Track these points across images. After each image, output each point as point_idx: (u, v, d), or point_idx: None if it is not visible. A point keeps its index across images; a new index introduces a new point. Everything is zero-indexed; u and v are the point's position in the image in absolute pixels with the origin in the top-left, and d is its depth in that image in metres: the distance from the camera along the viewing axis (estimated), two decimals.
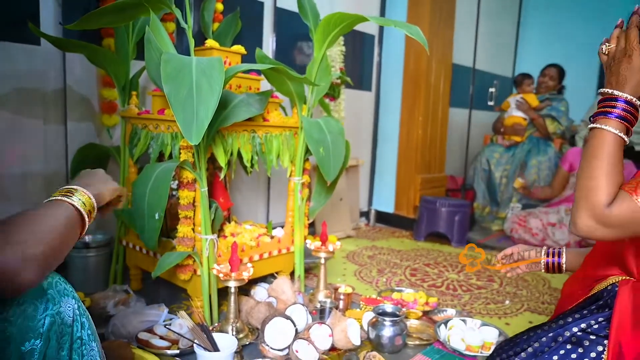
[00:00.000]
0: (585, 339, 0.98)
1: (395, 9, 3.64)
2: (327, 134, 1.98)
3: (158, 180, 1.55)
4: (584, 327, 1.00)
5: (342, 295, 1.98)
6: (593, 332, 0.98)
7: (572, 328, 1.01)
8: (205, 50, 1.95)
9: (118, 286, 1.78)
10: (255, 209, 2.91)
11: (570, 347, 0.99)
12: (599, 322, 0.99)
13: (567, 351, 0.99)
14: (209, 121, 1.43)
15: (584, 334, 0.99)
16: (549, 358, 1.00)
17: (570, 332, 1.00)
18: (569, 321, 1.04)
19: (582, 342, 0.98)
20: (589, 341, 0.98)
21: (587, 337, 0.98)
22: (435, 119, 3.73)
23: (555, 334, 1.03)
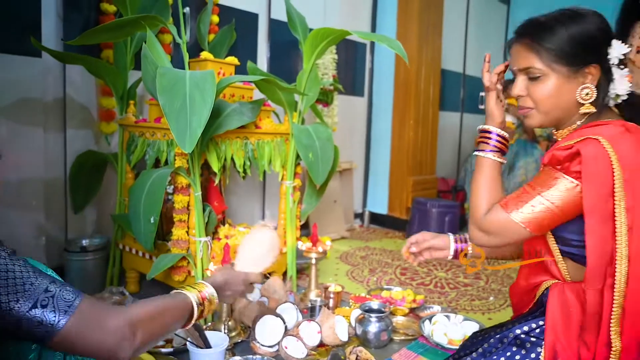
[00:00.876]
0: (527, 341, 1.03)
1: (385, 19, 3.70)
2: (316, 140, 2.04)
3: (154, 186, 1.61)
4: (527, 329, 1.05)
5: (332, 294, 2.04)
6: (534, 335, 1.03)
7: (516, 330, 1.06)
8: (200, 62, 2.01)
9: (114, 288, 1.84)
10: (250, 212, 2.97)
11: (515, 349, 1.05)
12: (539, 326, 1.04)
13: (512, 353, 1.04)
14: (201, 130, 1.50)
15: (526, 337, 1.04)
16: (497, 359, 1.05)
17: (514, 334, 1.05)
18: (515, 323, 1.09)
19: (525, 344, 1.03)
20: (530, 343, 1.03)
21: (529, 339, 1.03)
22: (425, 122, 3.79)
23: (501, 335, 1.08)
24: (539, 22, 1.04)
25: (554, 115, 1.05)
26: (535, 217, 0.95)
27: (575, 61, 1.00)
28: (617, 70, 1.00)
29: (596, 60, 0.99)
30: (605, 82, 1.01)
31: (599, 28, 1.00)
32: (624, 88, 1.00)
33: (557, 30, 1.00)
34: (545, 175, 0.97)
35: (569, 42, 0.99)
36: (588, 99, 1.00)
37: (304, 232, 2.82)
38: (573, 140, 0.95)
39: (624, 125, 0.96)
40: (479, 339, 1.18)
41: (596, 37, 1.00)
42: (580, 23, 1.00)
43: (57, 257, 2.08)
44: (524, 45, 1.04)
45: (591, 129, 0.96)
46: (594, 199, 0.90)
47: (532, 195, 0.96)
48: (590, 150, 0.92)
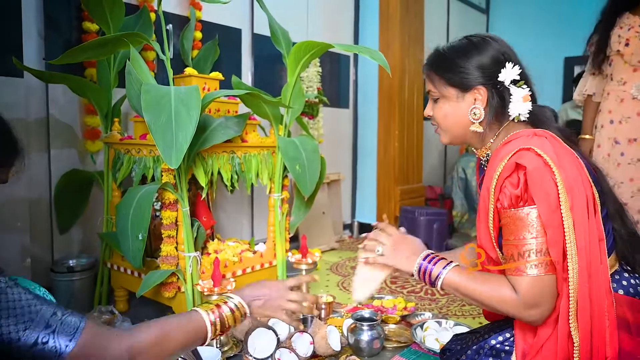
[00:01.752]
0: (502, 350, 1.06)
1: (367, 31, 3.77)
2: (303, 152, 2.06)
3: (141, 203, 1.61)
4: (501, 339, 1.07)
5: (324, 305, 2.04)
6: (509, 344, 1.06)
7: (491, 341, 1.08)
8: (185, 78, 2.03)
9: (103, 307, 1.82)
10: (239, 226, 2.97)
11: (491, 359, 1.07)
12: (512, 335, 1.06)
13: None
14: (187, 146, 1.51)
15: (501, 346, 1.06)
16: None
17: (490, 345, 1.08)
18: (491, 334, 1.12)
19: (500, 354, 1.06)
20: (504, 352, 1.05)
21: (504, 348, 1.06)
22: (410, 132, 3.84)
23: (478, 346, 1.10)
24: (438, 52, 1.13)
25: (455, 133, 1.12)
26: (545, 257, 0.93)
27: (461, 84, 1.08)
28: (515, 90, 1.05)
29: (483, 83, 1.06)
30: (497, 102, 1.06)
31: (489, 54, 1.06)
32: (521, 108, 1.05)
33: (448, 57, 1.10)
34: (517, 219, 0.95)
35: (454, 68, 1.08)
36: (477, 118, 1.07)
37: (294, 244, 2.82)
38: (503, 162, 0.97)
39: (534, 132, 1.01)
40: (457, 349, 1.20)
41: (482, 62, 1.06)
42: (469, 50, 1.08)
43: (43, 278, 2.06)
44: (427, 72, 1.15)
45: (505, 147, 1.00)
46: (547, 211, 0.92)
47: (528, 244, 0.94)
48: (529, 162, 0.94)
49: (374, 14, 3.71)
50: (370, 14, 3.74)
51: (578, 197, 0.93)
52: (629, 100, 2.02)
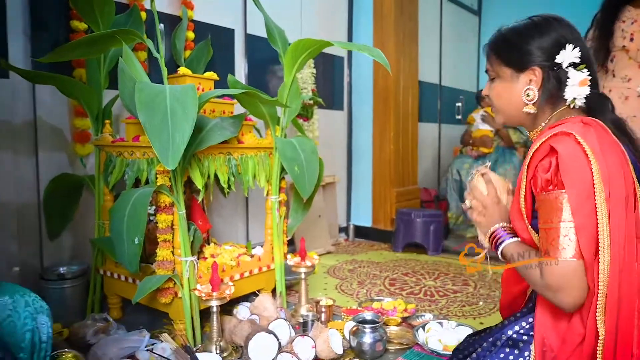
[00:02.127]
0: (520, 340, 1.04)
1: (361, 31, 3.75)
2: (301, 153, 2.03)
3: (136, 206, 1.56)
4: (517, 329, 1.05)
5: (324, 308, 2.00)
6: (525, 332, 1.04)
7: (508, 331, 1.06)
8: (179, 78, 1.98)
9: (97, 315, 1.76)
10: (234, 230, 2.92)
11: (508, 350, 1.04)
12: (529, 323, 1.05)
13: (505, 354, 1.04)
14: (184, 146, 1.46)
15: (518, 336, 1.04)
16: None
17: (507, 336, 1.05)
18: (506, 324, 1.10)
19: (518, 344, 1.03)
20: (522, 342, 1.03)
21: (521, 338, 1.04)
22: (405, 134, 3.82)
23: (494, 338, 1.08)
24: (499, 32, 1.13)
25: (508, 113, 1.12)
26: (576, 244, 0.92)
27: (516, 64, 1.07)
28: (573, 73, 1.03)
29: (539, 64, 1.04)
30: (553, 84, 1.04)
31: (550, 35, 1.05)
32: (577, 92, 1.03)
33: (506, 37, 1.10)
34: (548, 202, 0.95)
35: (511, 47, 1.08)
36: (530, 99, 1.07)
37: (290, 248, 2.78)
38: (539, 142, 0.97)
39: (581, 120, 0.99)
40: (471, 342, 1.18)
41: (541, 43, 1.05)
42: (529, 31, 1.07)
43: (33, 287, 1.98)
44: (487, 52, 1.15)
45: (550, 130, 0.99)
46: (578, 198, 0.91)
47: (556, 228, 0.93)
48: (564, 147, 0.93)
49: (368, 14, 3.70)
50: (364, 15, 3.73)
51: (617, 189, 0.91)
52: (634, 98, 1.98)
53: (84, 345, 1.64)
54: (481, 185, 1.15)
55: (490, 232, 1.10)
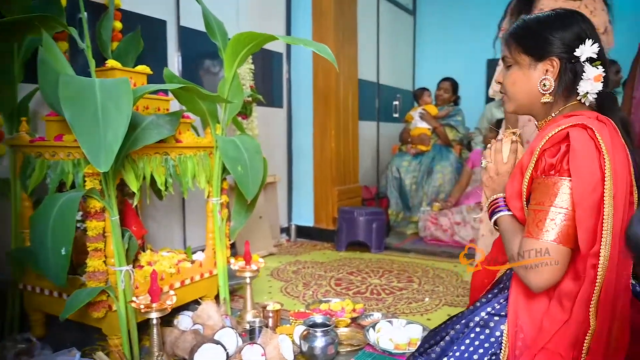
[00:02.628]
0: (490, 320, 1.07)
1: (299, 28, 3.70)
2: (244, 152, 1.95)
3: (62, 212, 1.42)
4: (490, 310, 1.09)
5: (271, 313, 1.94)
6: (496, 313, 1.07)
7: (480, 313, 1.09)
8: (107, 71, 1.83)
9: (18, 335, 1.59)
10: (170, 235, 2.77)
11: (479, 329, 1.07)
12: (501, 303, 1.08)
13: (476, 334, 1.07)
14: (118, 146, 1.35)
15: (489, 317, 1.08)
16: (462, 343, 1.08)
17: (479, 317, 1.09)
18: (478, 306, 1.13)
19: (488, 324, 1.07)
20: (493, 322, 1.06)
21: (492, 318, 1.07)
22: (346, 132, 3.83)
23: (467, 320, 1.11)
24: (522, 21, 1.16)
25: (521, 102, 1.14)
26: (561, 229, 0.95)
27: (536, 52, 1.09)
28: (589, 68, 1.05)
29: (558, 55, 1.07)
30: (569, 76, 1.07)
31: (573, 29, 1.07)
32: (591, 87, 1.05)
33: (530, 26, 1.12)
34: (545, 186, 0.98)
35: (534, 36, 1.10)
36: (547, 89, 1.09)
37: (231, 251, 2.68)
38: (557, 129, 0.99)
39: (597, 117, 1.02)
40: (442, 328, 1.19)
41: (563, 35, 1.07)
42: (553, 22, 1.09)
43: None
44: (507, 38, 1.16)
45: (565, 119, 1.01)
46: (583, 189, 0.93)
47: (545, 211, 0.97)
48: (579, 138, 0.95)
49: (307, 11, 3.66)
50: (303, 12, 3.68)
51: (621, 189, 0.95)
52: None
53: None
54: (505, 151, 1.18)
55: (492, 198, 1.15)
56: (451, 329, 1.13)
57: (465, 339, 1.08)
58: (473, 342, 1.07)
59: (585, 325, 0.93)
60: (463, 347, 1.07)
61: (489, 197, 1.17)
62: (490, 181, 1.18)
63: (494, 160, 1.18)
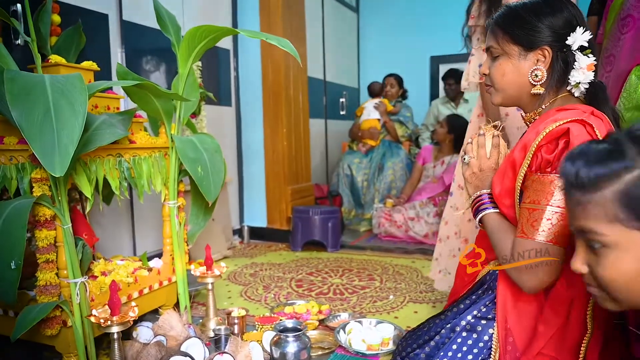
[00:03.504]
0: (477, 324, 1.06)
1: (247, 24, 3.64)
2: (204, 152, 1.88)
3: (10, 222, 1.30)
4: (476, 313, 1.07)
5: (237, 319, 1.89)
6: (482, 316, 1.06)
7: (466, 316, 1.08)
8: (50, 67, 1.71)
9: None
10: (119, 242, 2.63)
11: (466, 334, 1.06)
12: (487, 306, 1.07)
13: (463, 339, 1.06)
14: (74, 148, 1.26)
15: (476, 320, 1.06)
16: (449, 348, 1.06)
17: (465, 321, 1.07)
18: (462, 308, 1.11)
19: (476, 328, 1.06)
20: (480, 326, 1.05)
21: (479, 322, 1.06)
22: (297, 130, 3.81)
23: (452, 324, 1.09)
24: (509, 8, 1.11)
25: (510, 93, 1.11)
26: (557, 229, 0.92)
27: (527, 42, 1.06)
28: (580, 57, 1.03)
29: (550, 44, 1.04)
30: (560, 66, 1.05)
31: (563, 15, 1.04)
32: (583, 77, 1.03)
33: (518, 14, 1.08)
34: (540, 183, 0.94)
35: (523, 24, 1.06)
36: (538, 80, 1.06)
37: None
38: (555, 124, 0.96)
39: (592, 111, 1.00)
40: (424, 330, 1.18)
41: (553, 22, 1.04)
42: (542, 9, 1.05)
43: None
44: (492, 27, 1.13)
45: (562, 113, 0.99)
46: None
47: (541, 210, 0.93)
48: (580, 136, 0.92)
49: (254, 8, 3.60)
50: (249, 8, 3.63)
51: None
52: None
53: None
54: (488, 146, 1.15)
55: (476, 196, 1.12)
56: (435, 333, 1.11)
57: (452, 344, 1.06)
58: (461, 348, 1.05)
59: (582, 329, 0.92)
60: (451, 353, 1.05)
61: (472, 194, 1.14)
62: (474, 177, 1.15)
63: (477, 156, 1.15)
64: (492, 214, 1.09)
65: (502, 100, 1.14)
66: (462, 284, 1.22)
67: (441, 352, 1.06)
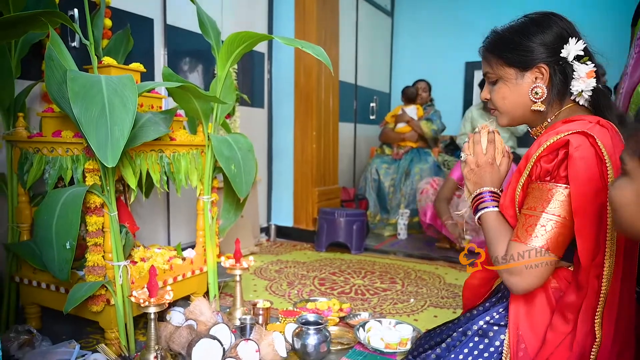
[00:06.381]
0: (489, 330, 1.09)
1: (282, 29, 3.80)
2: (237, 151, 2.04)
3: (67, 207, 1.48)
4: (488, 319, 1.10)
5: (262, 310, 2.03)
6: (495, 323, 1.09)
7: (479, 322, 1.11)
8: (103, 69, 1.89)
9: (20, 327, 1.63)
10: (154, 232, 2.82)
11: (477, 339, 1.09)
12: (500, 313, 1.11)
13: (475, 343, 1.09)
14: (125, 141, 1.42)
15: (488, 326, 1.09)
16: (460, 351, 1.10)
17: (477, 326, 1.11)
18: (475, 314, 1.16)
19: (487, 334, 1.09)
20: (492, 332, 1.08)
21: (491, 328, 1.09)
22: (327, 133, 3.95)
23: (464, 328, 1.13)
24: (495, 33, 1.15)
25: (515, 114, 1.14)
26: (550, 236, 0.95)
27: (521, 63, 1.09)
28: (579, 66, 1.05)
29: (545, 60, 1.07)
30: (560, 79, 1.07)
31: (552, 30, 1.07)
32: (584, 85, 1.05)
33: (506, 37, 1.11)
34: (539, 191, 0.97)
35: (514, 47, 1.09)
36: (539, 97, 1.09)
37: None
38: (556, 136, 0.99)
39: (598, 121, 1.02)
40: (437, 333, 1.24)
41: (544, 39, 1.07)
42: (530, 28, 1.08)
43: None
44: (483, 54, 1.16)
45: (566, 125, 1.02)
46: (582, 197, 0.92)
47: (536, 216, 0.95)
48: (580, 146, 0.94)
49: (289, 12, 3.76)
50: (285, 12, 3.78)
51: None
52: None
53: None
54: (483, 142, 1.17)
55: (476, 193, 1.14)
56: (447, 336, 1.15)
57: (464, 347, 1.09)
58: (472, 352, 1.08)
59: (590, 337, 0.94)
60: (461, 356, 1.09)
61: (472, 192, 1.16)
62: (472, 174, 1.17)
63: (474, 152, 1.18)
64: (492, 212, 1.09)
65: (508, 122, 1.17)
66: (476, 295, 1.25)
67: (452, 354, 1.10)
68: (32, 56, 1.93)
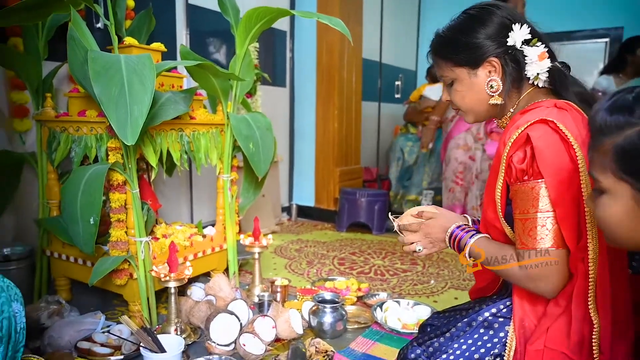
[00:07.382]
0: (495, 322, 1.10)
1: (304, 4, 3.78)
2: (256, 130, 2.07)
3: (90, 184, 1.55)
4: (494, 311, 1.11)
5: (279, 288, 2.08)
6: (501, 315, 1.10)
7: (484, 313, 1.12)
8: (124, 49, 1.94)
9: (50, 297, 1.74)
10: (177, 210, 2.91)
11: (483, 330, 1.10)
12: (507, 306, 1.11)
13: (479, 334, 1.11)
14: (144, 120, 1.47)
15: (494, 318, 1.10)
16: (464, 342, 1.11)
17: (483, 317, 1.12)
18: (482, 307, 1.16)
19: (493, 325, 1.10)
20: (498, 324, 1.09)
21: (497, 320, 1.10)
22: (349, 112, 3.95)
23: (469, 319, 1.14)
24: (438, 35, 1.14)
25: (479, 111, 1.14)
26: (554, 233, 0.94)
27: (470, 61, 1.09)
28: (529, 50, 1.05)
29: (493, 53, 1.06)
30: (512, 67, 1.07)
31: (494, 22, 1.06)
32: (538, 68, 1.05)
33: (449, 38, 1.11)
34: (523, 193, 0.97)
35: (458, 47, 1.09)
36: (495, 90, 1.09)
37: None
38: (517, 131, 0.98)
39: (555, 104, 1.01)
40: (443, 322, 1.25)
41: (487, 32, 1.06)
42: (470, 25, 1.08)
43: None
44: (433, 59, 1.16)
45: (524, 117, 1.01)
46: (558, 188, 0.93)
47: (533, 218, 0.96)
48: (541, 136, 0.94)
49: None
50: None
51: None
52: None
53: (38, 328, 1.61)
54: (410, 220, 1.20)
55: (448, 236, 1.13)
56: (453, 326, 1.16)
57: (468, 338, 1.11)
58: (476, 342, 1.10)
59: (588, 323, 0.94)
60: (465, 346, 1.10)
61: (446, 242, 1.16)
62: (431, 245, 1.17)
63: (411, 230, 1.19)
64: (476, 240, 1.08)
65: (474, 119, 1.14)
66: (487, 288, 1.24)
67: (455, 343, 1.11)
68: (58, 38, 1.99)
